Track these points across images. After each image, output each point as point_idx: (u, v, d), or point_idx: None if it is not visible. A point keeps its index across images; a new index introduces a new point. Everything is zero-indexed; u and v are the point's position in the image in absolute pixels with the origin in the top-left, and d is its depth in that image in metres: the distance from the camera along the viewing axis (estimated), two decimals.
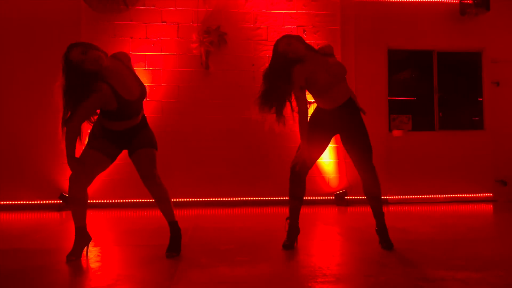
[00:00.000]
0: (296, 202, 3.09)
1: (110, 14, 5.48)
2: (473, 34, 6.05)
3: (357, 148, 2.99)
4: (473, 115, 6.25)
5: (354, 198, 5.61)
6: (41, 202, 5.36)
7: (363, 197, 3.22)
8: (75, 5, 5.50)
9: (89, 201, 2.88)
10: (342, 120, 3.01)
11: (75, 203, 2.81)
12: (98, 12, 5.44)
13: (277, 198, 5.61)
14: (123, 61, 2.83)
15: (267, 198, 5.63)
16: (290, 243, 3.07)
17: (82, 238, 2.84)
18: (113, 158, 2.90)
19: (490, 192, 5.96)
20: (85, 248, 2.89)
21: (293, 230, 3.11)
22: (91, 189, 5.22)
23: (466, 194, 5.90)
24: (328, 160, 5.75)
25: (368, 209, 3.17)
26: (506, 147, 6.03)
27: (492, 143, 6.01)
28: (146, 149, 2.87)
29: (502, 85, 6.12)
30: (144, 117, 2.97)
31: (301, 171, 3.00)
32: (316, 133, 3.03)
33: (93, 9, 5.41)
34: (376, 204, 3.04)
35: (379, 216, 3.03)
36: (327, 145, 3.13)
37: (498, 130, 6.05)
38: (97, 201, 5.28)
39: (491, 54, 6.08)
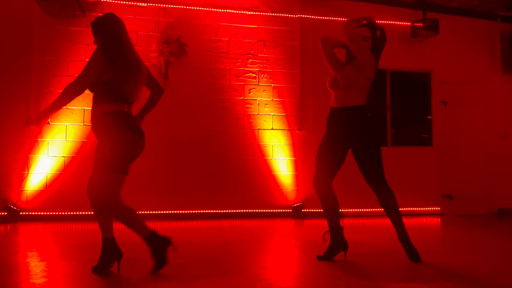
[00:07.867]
0: (330, 214, 3.11)
1: (66, 19, 5.31)
2: (423, 55, 6.39)
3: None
4: (423, 132, 6.56)
5: (311, 211, 5.68)
6: None
7: (319, 210, 3.26)
8: (28, 9, 5.27)
9: (36, 213, 2.73)
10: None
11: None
12: (52, 17, 5.26)
13: (234, 210, 5.58)
14: None
15: (224, 211, 5.58)
16: (327, 255, 3.06)
17: (111, 251, 2.70)
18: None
19: (437, 206, 6.24)
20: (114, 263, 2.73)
21: (334, 243, 3.09)
22: (38, 200, 5.01)
23: (415, 207, 6.14)
24: (286, 173, 5.81)
25: (324, 222, 3.21)
26: (452, 163, 6.37)
27: (439, 159, 6.33)
28: (94, 169, 2.66)
29: (449, 105, 6.48)
30: (99, 112, 2.64)
31: (323, 183, 3.12)
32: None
33: (47, 14, 5.23)
34: (395, 215, 3.08)
35: (399, 226, 3.07)
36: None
37: (445, 147, 6.38)
38: (44, 213, 5.01)
39: (439, 75, 6.44)
